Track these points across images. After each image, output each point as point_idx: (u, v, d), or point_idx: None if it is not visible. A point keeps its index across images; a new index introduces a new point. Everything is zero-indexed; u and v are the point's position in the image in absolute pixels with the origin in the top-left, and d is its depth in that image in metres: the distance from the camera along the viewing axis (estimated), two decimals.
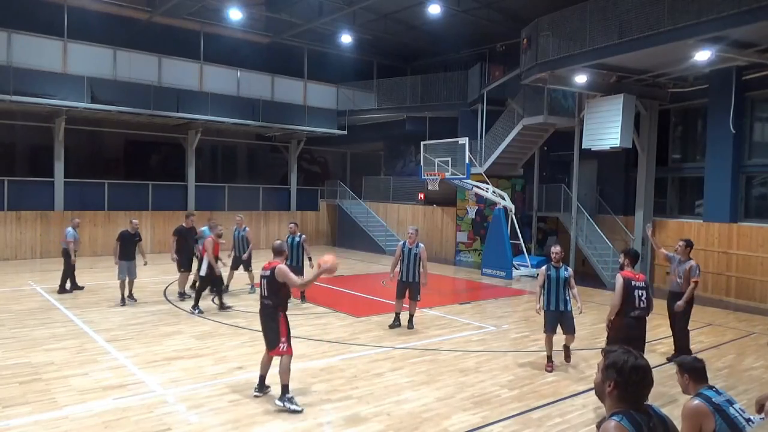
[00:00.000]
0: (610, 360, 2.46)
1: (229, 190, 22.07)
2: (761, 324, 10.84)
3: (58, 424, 5.45)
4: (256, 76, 21.06)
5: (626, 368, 2.39)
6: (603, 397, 2.48)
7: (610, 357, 2.47)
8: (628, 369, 2.39)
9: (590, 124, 14.89)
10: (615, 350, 2.50)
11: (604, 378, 2.45)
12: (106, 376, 6.86)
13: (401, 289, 9.78)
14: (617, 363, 2.42)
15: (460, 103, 20.74)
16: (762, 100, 13.95)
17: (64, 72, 17.05)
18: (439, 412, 6.03)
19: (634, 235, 15.79)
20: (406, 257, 9.72)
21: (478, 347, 8.73)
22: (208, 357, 7.77)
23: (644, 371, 2.40)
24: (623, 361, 2.41)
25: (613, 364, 2.43)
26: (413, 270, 9.68)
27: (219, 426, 5.52)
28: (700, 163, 14.92)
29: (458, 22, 19.40)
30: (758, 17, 10.22)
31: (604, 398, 2.47)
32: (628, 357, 2.42)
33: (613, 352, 2.49)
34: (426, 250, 9.98)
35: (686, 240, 8.52)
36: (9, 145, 19.94)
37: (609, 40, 12.57)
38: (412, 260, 9.67)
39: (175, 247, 11.68)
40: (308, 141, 23.71)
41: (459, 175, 16.77)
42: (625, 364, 2.40)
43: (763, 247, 13.14)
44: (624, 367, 2.40)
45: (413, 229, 10.09)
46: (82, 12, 17.91)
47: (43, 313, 10.16)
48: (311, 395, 6.42)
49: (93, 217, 18.51)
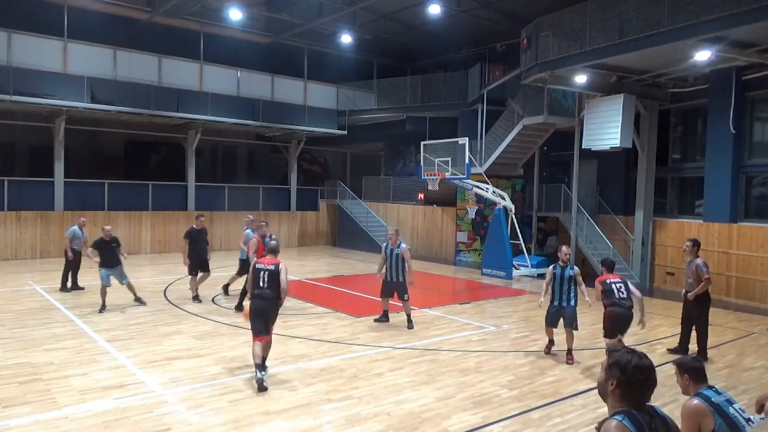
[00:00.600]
0: (613, 359, 2.46)
1: (229, 190, 22.07)
2: (761, 324, 10.84)
3: (58, 424, 5.45)
4: (256, 76, 21.05)
5: (629, 367, 2.38)
6: (605, 396, 2.47)
7: (614, 356, 2.47)
8: (632, 368, 2.38)
9: (590, 124, 14.89)
10: (619, 349, 2.49)
11: (608, 376, 2.45)
12: (106, 376, 6.86)
13: (387, 289, 9.95)
14: (620, 362, 2.41)
15: (460, 103, 20.74)
16: (762, 100, 13.95)
17: (64, 72, 17.05)
18: (439, 412, 6.03)
19: (634, 234, 15.79)
20: (389, 258, 9.84)
21: (478, 347, 8.73)
22: (208, 357, 7.77)
23: (647, 371, 2.40)
24: (627, 360, 2.40)
25: (616, 362, 2.43)
26: (397, 270, 9.80)
27: (219, 426, 5.52)
28: (700, 163, 14.92)
29: (458, 22, 19.41)
30: (758, 17, 10.23)
31: (607, 397, 2.46)
32: (632, 356, 2.42)
33: (617, 351, 2.48)
34: (409, 250, 10.14)
35: (692, 239, 8.88)
36: (9, 145, 19.95)
37: (609, 40, 12.58)
38: (395, 260, 9.79)
39: (187, 250, 11.31)
40: (308, 141, 23.71)
41: (459, 175, 16.77)
42: (628, 363, 2.40)
43: (763, 247, 13.14)
44: (627, 366, 2.39)
45: (393, 230, 10.24)
46: (82, 12, 17.91)
47: (43, 313, 10.16)
48: (311, 395, 6.42)
49: (93, 217, 18.45)
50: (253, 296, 6.78)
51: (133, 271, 15.65)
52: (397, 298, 9.86)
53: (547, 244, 19.19)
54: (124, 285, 10.83)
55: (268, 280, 6.62)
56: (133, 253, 19.16)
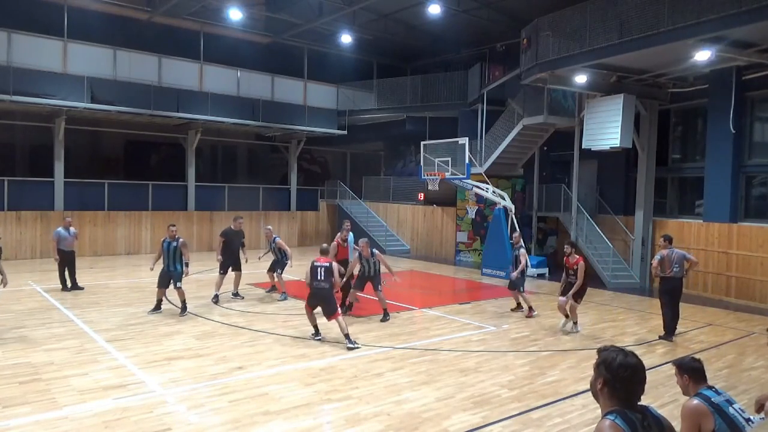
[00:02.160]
0: (600, 358, 2.47)
1: (229, 190, 22.08)
2: (761, 324, 10.83)
3: (58, 424, 5.45)
4: (256, 76, 21.05)
5: (614, 365, 2.39)
6: (597, 396, 2.49)
7: (601, 355, 2.48)
8: (617, 366, 2.38)
9: (590, 124, 14.89)
10: (608, 349, 2.50)
11: (596, 376, 2.47)
12: (106, 376, 6.86)
13: (360, 283, 10.49)
14: (606, 360, 2.43)
15: (460, 103, 20.74)
16: (762, 100, 13.95)
17: (64, 72, 17.05)
18: (439, 412, 6.03)
19: (634, 234, 15.80)
20: (366, 265, 10.34)
21: (478, 347, 8.73)
22: (208, 357, 7.77)
23: (633, 368, 2.39)
24: (612, 359, 2.41)
25: (603, 361, 2.44)
26: (374, 270, 10.38)
27: (219, 426, 5.52)
28: (700, 163, 14.92)
29: (458, 22, 19.40)
30: (758, 17, 10.23)
31: (598, 397, 2.47)
32: (617, 354, 2.42)
33: (605, 351, 2.49)
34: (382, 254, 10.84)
35: (664, 236, 9.68)
36: (9, 145, 19.95)
37: (609, 40, 12.58)
38: (372, 266, 10.37)
39: (221, 248, 11.72)
40: (308, 141, 23.70)
41: (459, 175, 16.77)
42: (613, 361, 2.40)
43: (763, 247, 13.14)
44: (612, 364, 2.39)
45: (363, 241, 10.59)
46: (82, 12, 17.90)
47: (43, 313, 10.16)
48: (311, 395, 6.42)
49: (93, 217, 18.51)
50: (312, 288, 8.56)
51: (132, 271, 15.72)
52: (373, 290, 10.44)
53: (547, 244, 19.19)
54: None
55: (324, 274, 8.51)
56: (133, 253, 19.19)
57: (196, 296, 11.84)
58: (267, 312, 10.80)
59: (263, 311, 10.86)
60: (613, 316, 11.57)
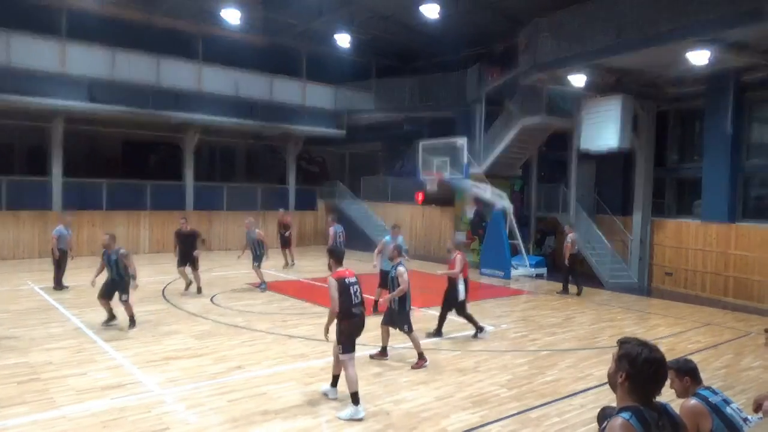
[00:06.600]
0: (624, 350, 2.41)
1: (228, 190, 22.06)
2: (759, 324, 10.85)
3: (56, 424, 5.44)
4: (254, 76, 21.01)
5: (639, 360, 2.34)
6: (615, 387, 2.43)
7: (625, 348, 2.42)
8: (641, 361, 2.34)
9: (588, 124, 14.91)
10: (631, 341, 2.44)
11: (617, 368, 2.40)
12: (105, 375, 6.85)
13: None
14: (631, 354, 2.37)
15: (458, 103, 20.74)
16: (760, 101, 13.98)
17: (63, 72, 17.03)
18: (438, 411, 6.04)
19: (633, 235, 15.82)
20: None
21: (476, 347, 8.73)
22: (207, 357, 7.76)
23: (658, 364, 2.35)
24: (637, 353, 2.36)
25: (626, 354, 2.38)
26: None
27: (218, 425, 5.52)
28: (698, 163, 14.94)
29: (456, 22, 19.38)
30: (756, 19, 10.25)
31: (616, 389, 2.42)
32: (643, 349, 2.37)
33: (628, 343, 2.43)
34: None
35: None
36: (7, 145, 19.88)
37: (607, 41, 12.59)
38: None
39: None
40: (307, 141, 23.69)
41: (457, 175, 16.77)
42: (638, 356, 2.35)
43: (761, 248, 13.16)
44: (637, 359, 2.34)
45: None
46: (80, 13, 17.84)
47: (41, 313, 10.15)
48: (311, 395, 6.42)
49: (91, 217, 18.47)
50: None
51: None
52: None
53: (546, 244, 19.19)
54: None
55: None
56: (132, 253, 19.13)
57: (196, 296, 11.85)
58: (266, 312, 10.80)
59: (262, 311, 10.86)
60: (612, 315, 11.58)
